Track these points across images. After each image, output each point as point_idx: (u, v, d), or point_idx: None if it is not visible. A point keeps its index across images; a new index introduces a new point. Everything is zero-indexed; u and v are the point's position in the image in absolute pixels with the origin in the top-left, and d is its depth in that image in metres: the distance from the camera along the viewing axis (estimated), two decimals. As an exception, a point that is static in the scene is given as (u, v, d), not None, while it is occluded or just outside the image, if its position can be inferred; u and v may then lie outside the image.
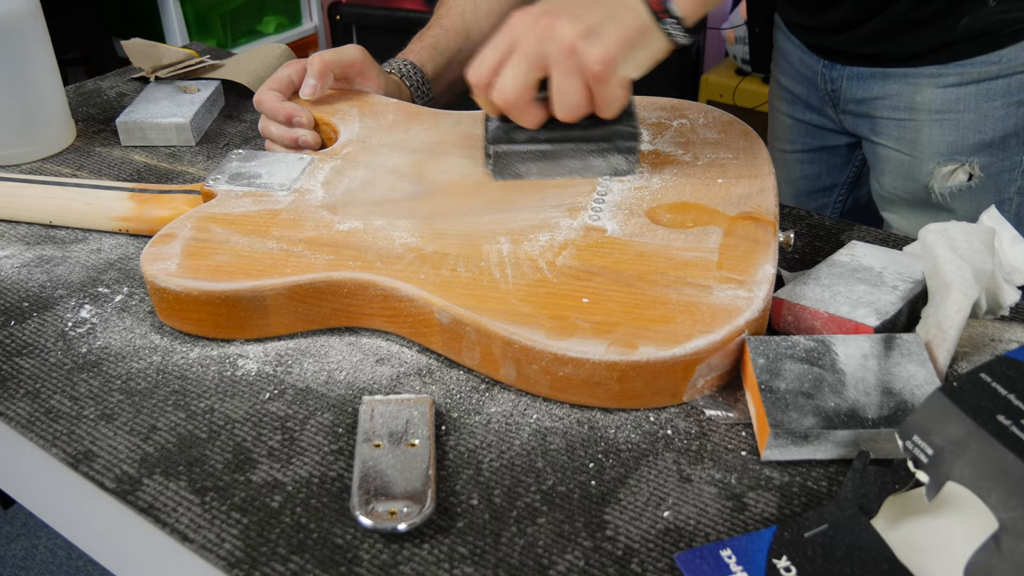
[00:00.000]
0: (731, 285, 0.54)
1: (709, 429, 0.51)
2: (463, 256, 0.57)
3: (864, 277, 0.57)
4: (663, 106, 0.74)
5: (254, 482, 0.48)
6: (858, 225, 0.70)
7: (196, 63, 0.93)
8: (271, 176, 0.66)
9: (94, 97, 0.94)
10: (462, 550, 0.44)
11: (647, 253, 0.57)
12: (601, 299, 0.53)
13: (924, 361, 0.50)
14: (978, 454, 0.41)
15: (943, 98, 0.83)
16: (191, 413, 0.52)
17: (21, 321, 0.60)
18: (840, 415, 0.47)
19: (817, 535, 0.42)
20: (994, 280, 0.57)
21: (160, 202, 0.68)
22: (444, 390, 0.54)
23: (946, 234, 0.57)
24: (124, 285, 0.63)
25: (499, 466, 0.48)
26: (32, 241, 0.69)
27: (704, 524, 0.45)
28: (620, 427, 0.51)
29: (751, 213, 0.60)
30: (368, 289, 0.55)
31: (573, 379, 0.50)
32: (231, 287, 0.55)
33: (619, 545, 0.44)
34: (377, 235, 0.59)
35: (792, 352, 0.51)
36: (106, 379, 0.55)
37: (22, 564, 1.50)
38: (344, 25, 2.15)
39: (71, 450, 0.50)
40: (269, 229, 0.60)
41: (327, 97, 0.78)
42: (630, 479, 0.48)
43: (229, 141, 0.85)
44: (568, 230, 0.59)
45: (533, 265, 0.56)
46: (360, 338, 0.58)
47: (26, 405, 0.53)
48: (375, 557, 0.43)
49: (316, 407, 0.52)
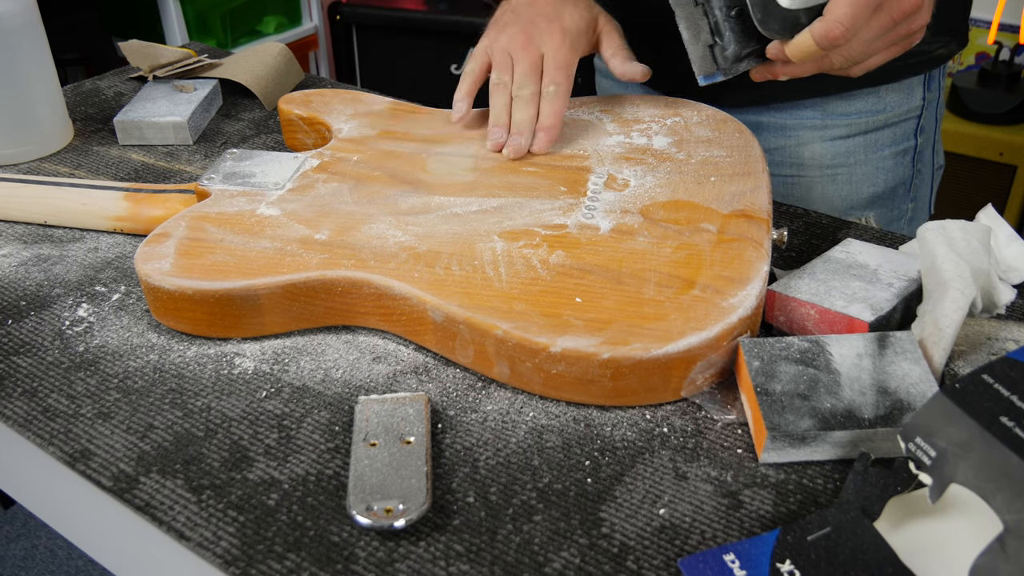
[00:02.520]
0: (724, 283, 0.54)
1: (705, 427, 0.51)
2: (457, 254, 0.57)
3: (859, 274, 0.57)
4: (656, 104, 0.74)
5: (250, 480, 0.48)
6: (854, 223, 0.70)
7: (194, 62, 0.93)
8: (265, 175, 0.66)
9: (92, 96, 0.94)
10: (458, 547, 0.44)
11: (640, 251, 0.57)
12: (594, 297, 0.53)
13: (919, 359, 0.50)
14: (982, 456, 0.41)
15: (833, 152, 0.81)
16: (188, 411, 0.52)
17: (18, 320, 0.60)
18: (837, 416, 0.47)
19: (820, 538, 0.42)
20: (990, 279, 0.57)
21: (155, 202, 0.68)
22: (440, 388, 0.54)
23: (944, 232, 0.57)
24: (121, 284, 0.63)
25: (495, 464, 0.49)
26: (29, 240, 0.69)
27: (700, 522, 0.45)
28: (616, 425, 0.51)
29: (744, 211, 0.60)
30: (362, 288, 0.56)
31: (566, 377, 0.50)
32: (225, 286, 0.55)
33: (615, 543, 0.44)
34: (371, 234, 0.59)
35: (787, 354, 0.51)
36: (103, 378, 0.55)
37: (22, 564, 1.50)
38: (344, 25, 2.15)
39: (68, 448, 0.50)
40: (263, 228, 0.60)
41: (320, 95, 0.78)
42: (626, 477, 0.48)
43: (227, 140, 0.85)
44: (562, 228, 0.59)
45: (526, 263, 0.56)
46: (357, 336, 0.58)
47: (23, 404, 0.53)
48: (371, 555, 0.44)
49: (313, 405, 0.53)
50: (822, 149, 0.81)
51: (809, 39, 0.55)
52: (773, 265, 0.63)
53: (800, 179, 0.83)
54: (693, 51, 0.57)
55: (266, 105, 0.91)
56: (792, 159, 0.83)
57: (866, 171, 0.82)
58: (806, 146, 0.82)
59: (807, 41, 0.55)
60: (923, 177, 0.87)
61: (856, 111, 0.80)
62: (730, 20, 0.54)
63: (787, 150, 0.83)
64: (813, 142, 0.82)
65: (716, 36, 0.55)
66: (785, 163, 0.83)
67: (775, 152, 0.83)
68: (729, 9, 0.53)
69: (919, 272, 0.57)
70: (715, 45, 0.55)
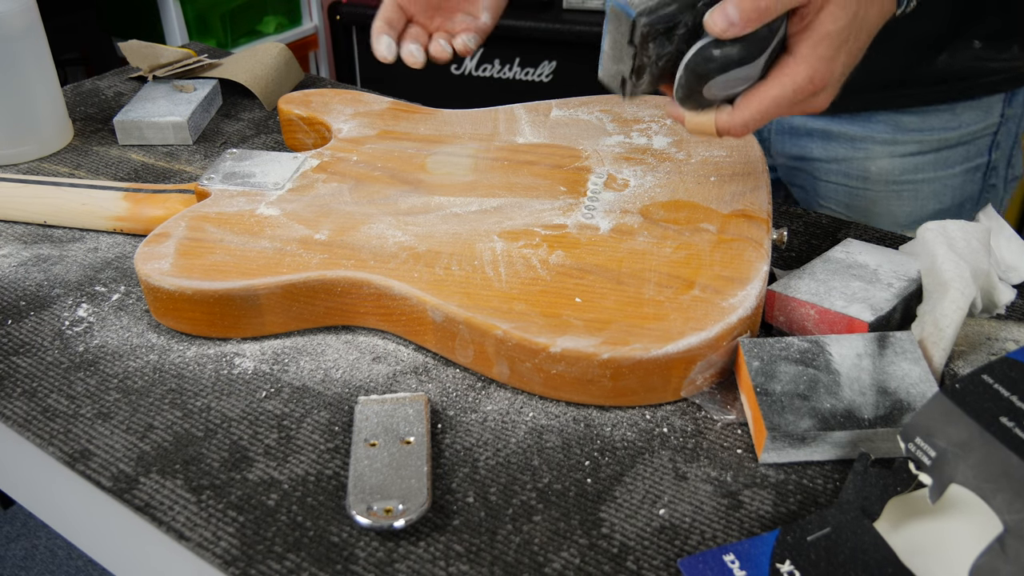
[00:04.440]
0: (724, 283, 0.54)
1: (705, 427, 0.51)
2: (456, 254, 0.57)
3: (859, 274, 0.57)
4: (656, 103, 0.74)
5: (250, 480, 0.48)
6: (854, 223, 0.70)
7: (193, 62, 0.93)
8: (265, 175, 0.66)
9: (92, 96, 0.94)
10: (458, 548, 0.44)
11: (640, 251, 0.57)
12: (594, 297, 0.53)
13: (918, 359, 0.50)
14: (982, 456, 0.41)
15: (901, 167, 0.78)
16: (187, 412, 0.52)
17: (18, 320, 0.60)
18: (836, 416, 0.47)
19: (820, 539, 0.42)
20: (990, 279, 0.57)
21: (154, 202, 0.68)
22: (440, 388, 0.54)
23: (944, 232, 0.57)
24: (121, 284, 0.63)
25: (495, 464, 0.49)
26: (29, 240, 0.69)
27: (700, 522, 0.45)
28: (616, 425, 0.51)
29: (744, 211, 0.60)
30: (361, 288, 0.56)
31: (566, 377, 0.50)
32: (225, 286, 0.55)
33: (615, 543, 0.44)
34: (370, 234, 0.59)
35: (787, 354, 0.51)
36: (103, 378, 0.55)
37: (22, 564, 1.50)
38: (344, 25, 2.15)
39: (68, 449, 0.50)
40: (263, 228, 0.60)
41: (320, 95, 0.78)
42: (626, 477, 0.48)
43: (226, 140, 0.85)
44: (561, 228, 0.59)
45: (526, 263, 0.56)
46: (357, 336, 0.58)
47: (23, 404, 0.53)
48: (371, 555, 0.43)
49: (312, 405, 0.53)
50: (890, 165, 0.78)
51: (711, 124, 0.55)
52: (773, 265, 0.63)
53: (865, 192, 0.81)
54: (606, 68, 0.57)
55: (266, 105, 0.91)
56: (858, 171, 0.80)
57: (934, 188, 0.79)
58: (874, 160, 0.79)
59: (708, 125, 0.55)
60: (995, 191, 0.83)
61: (930, 127, 0.77)
62: (654, 67, 0.54)
63: (854, 162, 0.80)
64: (882, 157, 0.79)
65: (634, 75, 0.56)
66: (851, 174, 0.81)
67: (842, 162, 0.81)
68: (658, 59, 0.54)
69: (919, 272, 0.57)
70: (629, 80, 0.56)
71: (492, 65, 2.06)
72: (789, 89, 0.52)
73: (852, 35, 0.52)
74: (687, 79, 0.53)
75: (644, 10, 0.52)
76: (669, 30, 0.53)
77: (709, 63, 0.52)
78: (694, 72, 0.52)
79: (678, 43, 0.53)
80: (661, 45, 0.53)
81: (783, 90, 0.52)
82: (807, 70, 0.51)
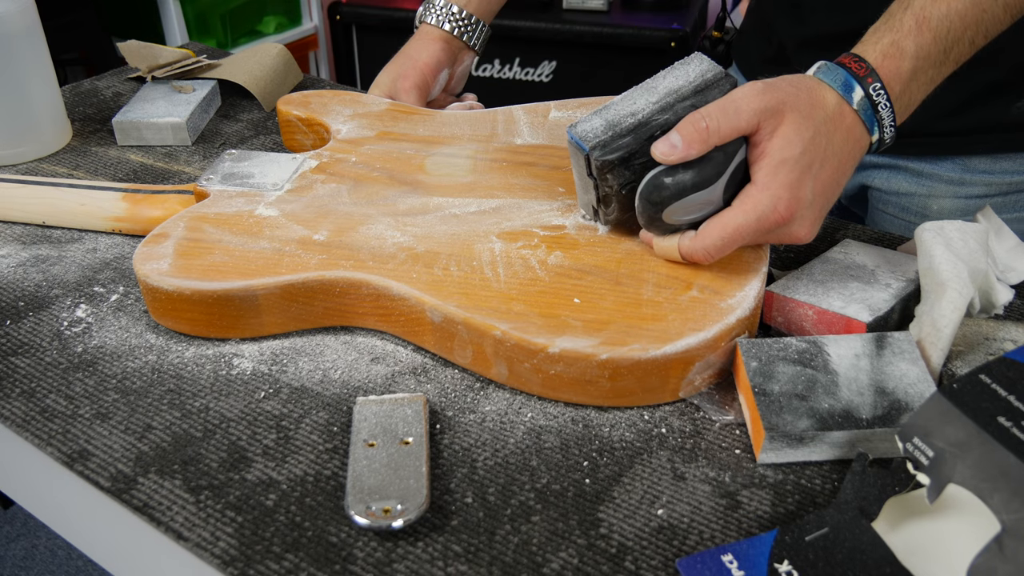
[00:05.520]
0: (723, 283, 0.54)
1: (703, 428, 0.51)
2: (455, 255, 0.57)
3: (857, 274, 0.57)
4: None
5: (249, 480, 0.48)
6: (852, 224, 0.70)
7: (192, 63, 0.93)
8: (264, 176, 0.66)
9: (90, 97, 0.94)
10: (456, 548, 0.44)
11: (638, 252, 0.57)
12: (593, 297, 0.53)
13: (916, 359, 0.50)
14: (979, 456, 0.41)
15: (963, 209, 0.75)
16: (186, 412, 0.52)
17: (17, 320, 0.60)
18: (834, 416, 0.47)
19: (818, 539, 0.42)
20: (988, 279, 0.57)
21: (153, 202, 0.68)
22: (439, 389, 0.54)
23: (942, 233, 0.57)
24: (120, 284, 0.63)
25: (493, 464, 0.49)
26: (28, 241, 0.69)
27: (698, 522, 0.45)
28: (615, 425, 0.51)
29: (745, 211, 0.60)
30: (360, 288, 0.56)
31: (564, 377, 0.50)
32: (223, 287, 0.55)
33: (613, 543, 0.44)
34: (369, 234, 0.59)
35: (785, 354, 0.51)
36: (101, 378, 0.55)
37: (22, 564, 1.50)
38: (344, 25, 2.15)
39: (66, 449, 0.50)
40: (262, 229, 0.60)
41: (319, 96, 0.78)
42: (624, 477, 0.48)
43: (225, 141, 0.85)
44: (560, 229, 0.59)
45: (525, 264, 0.56)
46: (355, 337, 0.58)
47: (21, 404, 0.53)
48: (369, 555, 0.44)
49: (311, 406, 0.53)
50: (952, 205, 0.76)
51: (675, 250, 0.55)
52: (771, 265, 0.63)
53: None
54: (579, 197, 0.59)
55: (265, 106, 0.91)
56: (918, 207, 0.77)
57: None
58: (936, 199, 0.76)
59: (673, 250, 0.55)
60: None
61: (1000, 170, 0.74)
62: (618, 195, 0.55)
63: (916, 198, 0.77)
64: (945, 196, 0.76)
65: (602, 204, 0.57)
66: (910, 210, 0.78)
67: (903, 196, 0.78)
68: (621, 188, 0.55)
69: (917, 273, 0.57)
70: (599, 208, 0.57)
71: (492, 65, 2.06)
72: (752, 217, 0.51)
73: (816, 161, 0.52)
74: (643, 207, 0.54)
75: (597, 144, 0.53)
76: (625, 160, 0.54)
77: (663, 190, 0.53)
78: (648, 200, 0.53)
79: (639, 171, 0.54)
80: (620, 175, 0.55)
81: (746, 218, 0.52)
82: (769, 198, 0.51)
